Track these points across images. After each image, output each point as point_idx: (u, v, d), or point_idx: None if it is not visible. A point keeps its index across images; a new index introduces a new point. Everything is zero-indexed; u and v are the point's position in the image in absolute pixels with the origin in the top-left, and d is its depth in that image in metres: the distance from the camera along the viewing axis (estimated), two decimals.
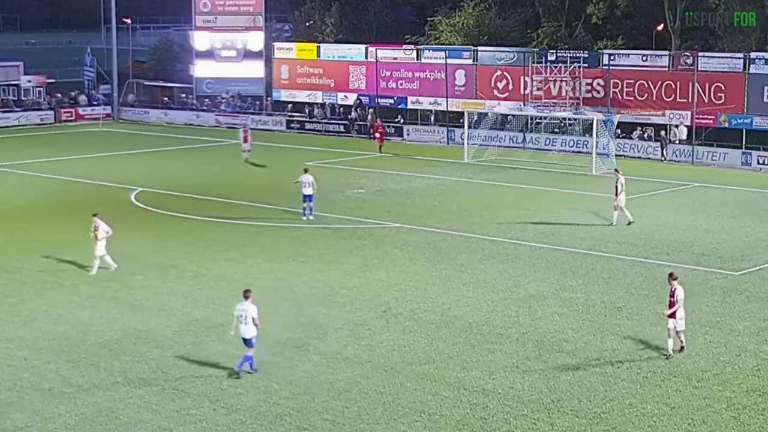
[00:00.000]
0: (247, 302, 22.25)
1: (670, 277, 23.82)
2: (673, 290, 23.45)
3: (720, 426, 19.62)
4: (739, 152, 54.39)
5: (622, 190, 37.86)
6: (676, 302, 23.25)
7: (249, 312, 22.11)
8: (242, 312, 22.17)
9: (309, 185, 38.48)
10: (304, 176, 38.71)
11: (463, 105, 62.56)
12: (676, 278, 23.68)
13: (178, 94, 79.35)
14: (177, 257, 32.90)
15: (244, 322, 22.10)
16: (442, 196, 44.52)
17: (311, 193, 38.54)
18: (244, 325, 22.11)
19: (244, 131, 56.65)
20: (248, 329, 22.08)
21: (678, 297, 23.28)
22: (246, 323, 22.08)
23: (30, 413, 20.09)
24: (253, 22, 75.94)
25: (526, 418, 19.88)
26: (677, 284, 23.50)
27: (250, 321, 22.04)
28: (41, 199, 43.80)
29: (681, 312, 23.28)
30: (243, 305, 22.25)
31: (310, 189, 38.52)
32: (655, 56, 58.81)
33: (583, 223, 38.29)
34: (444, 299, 28.02)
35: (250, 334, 22.09)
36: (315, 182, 38.72)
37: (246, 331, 22.10)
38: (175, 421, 19.75)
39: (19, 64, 79.10)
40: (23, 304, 27.62)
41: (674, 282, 23.55)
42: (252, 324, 22.05)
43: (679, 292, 23.34)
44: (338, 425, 19.56)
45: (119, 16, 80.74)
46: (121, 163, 55.15)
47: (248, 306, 22.20)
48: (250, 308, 22.16)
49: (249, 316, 22.06)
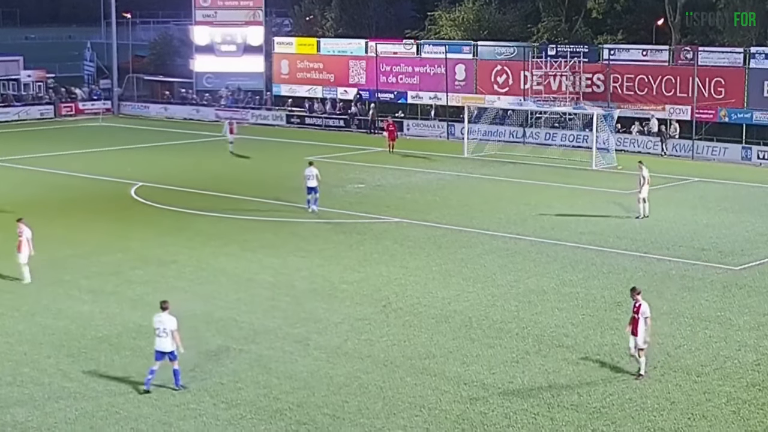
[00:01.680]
0: (165, 314, 20.90)
1: (632, 292, 22.11)
2: (637, 306, 21.72)
3: (720, 421, 19.63)
4: (739, 147, 54.38)
5: (645, 183, 37.84)
6: (639, 318, 21.59)
7: (167, 324, 20.80)
8: (159, 324, 20.84)
9: (313, 178, 38.91)
10: (309, 169, 39.08)
11: (463, 100, 62.54)
12: (640, 292, 22.01)
13: (178, 89, 79.30)
14: (177, 252, 32.90)
15: (162, 335, 20.77)
16: (442, 191, 44.51)
17: (315, 186, 38.94)
18: (163, 338, 20.77)
19: (230, 123, 58.26)
20: (167, 342, 20.77)
21: (643, 313, 21.59)
22: (164, 336, 20.77)
23: (30, 408, 20.11)
24: (253, 16, 75.89)
25: (525, 413, 19.89)
26: (641, 299, 21.81)
27: (168, 333, 20.73)
28: (41, 194, 43.77)
29: (643, 329, 21.53)
30: (160, 317, 20.90)
31: (314, 181, 38.93)
32: (655, 51, 58.76)
33: (583, 214, 38.34)
34: (444, 294, 28.03)
35: (169, 347, 20.79)
36: (319, 175, 39.04)
37: (165, 345, 20.77)
38: (175, 415, 19.77)
39: (18, 58, 79.07)
40: (23, 299, 27.62)
41: (638, 296, 21.84)
42: (171, 336, 20.74)
43: (644, 307, 21.62)
44: (338, 420, 19.57)
45: (119, 10, 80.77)
46: (121, 158, 55.14)
47: (165, 317, 20.87)
48: (168, 320, 20.85)
49: (167, 329, 20.75)
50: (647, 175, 38.07)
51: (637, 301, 21.79)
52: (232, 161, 53.83)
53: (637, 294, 21.96)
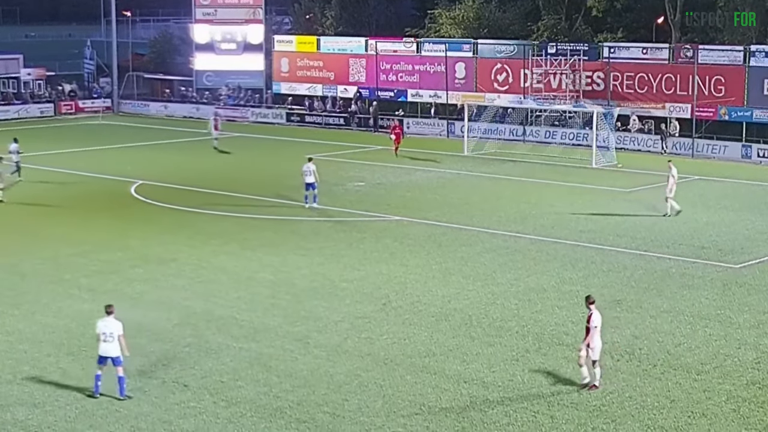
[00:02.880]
0: (110, 318, 20.62)
1: (586, 301, 21.38)
2: (589, 315, 21.05)
3: (720, 418, 19.63)
4: (739, 145, 54.39)
5: (674, 181, 37.92)
6: (591, 328, 20.95)
7: (113, 328, 20.52)
8: (105, 329, 20.56)
9: (310, 174, 39.22)
10: (306, 165, 39.42)
11: (463, 98, 62.53)
12: (593, 302, 21.23)
13: (178, 87, 79.31)
14: (177, 250, 32.90)
15: (108, 340, 20.45)
16: (442, 189, 44.51)
17: (312, 182, 39.31)
18: (109, 343, 20.44)
19: (215, 120, 58.87)
20: (112, 347, 20.45)
21: (593, 323, 20.94)
22: (110, 340, 20.46)
23: (30, 406, 20.11)
24: (253, 14, 75.88)
25: (525, 411, 19.90)
26: (594, 308, 21.06)
27: (115, 338, 20.43)
28: (40, 192, 43.75)
29: (597, 340, 20.94)
30: (105, 321, 20.63)
31: (311, 177, 39.27)
32: (655, 49, 58.75)
33: (583, 213, 38.34)
34: (444, 292, 28.03)
35: (115, 352, 20.47)
36: (316, 172, 39.31)
37: (110, 350, 20.45)
38: (176, 413, 19.77)
39: (18, 57, 79.02)
40: (23, 297, 27.62)
41: (591, 306, 21.10)
42: (117, 341, 20.44)
43: (595, 317, 20.94)
44: (338, 418, 19.57)
45: (119, 9, 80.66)
46: (121, 156, 55.14)
47: (111, 322, 20.59)
48: (114, 324, 20.57)
49: (114, 333, 20.46)
50: (676, 174, 38.24)
51: (590, 310, 21.06)
52: (232, 160, 53.86)
53: (591, 303, 21.14)
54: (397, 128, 56.46)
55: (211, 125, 58.64)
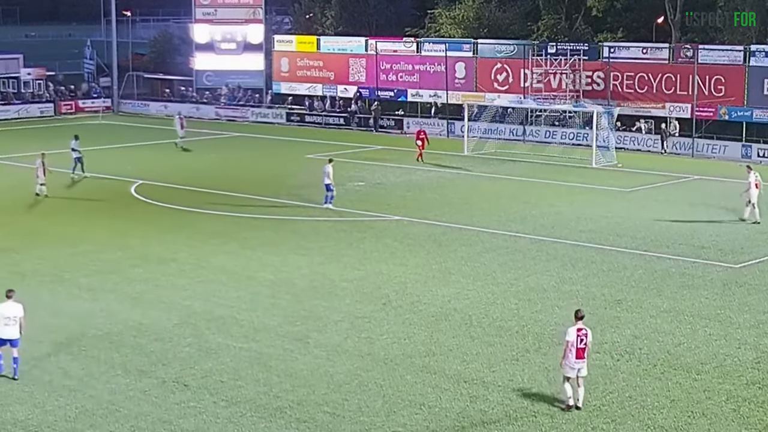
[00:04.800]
0: (11, 302, 21.59)
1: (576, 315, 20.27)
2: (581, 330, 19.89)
3: (720, 418, 19.63)
4: (739, 145, 54.38)
5: (750, 187, 36.93)
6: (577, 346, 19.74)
7: (15, 312, 21.48)
8: (8, 313, 21.42)
9: (326, 176, 39.62)
10: (325, 166, 40.09)
11: (463, 97, 62.53)
12: (582, 317, 20.11)
13: (178, 87, 79.28)
14: (177, 250, 32.90)
15: (11, 323, 21.36)
16: (443, 189, 44.52)
17: (328, 183, 39.70)
18: (10, 327, 21.34)
19: (180, 118, 59.02)
20: (13, 330, 21.39)
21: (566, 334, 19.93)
22: (12, 324, 21.37)
23: (30, 406, 20.10)
24: (253, 14, 75.84)
25: (525, 411, 19.90)
26: (581, 324, 19.94)
27: (17, 321, 21.41)
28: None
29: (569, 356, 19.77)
30: (6, 305, 21.55)
31: (326, 179, 39.66)
32: (655, 49, 58.75)
33: (583, 213, 38.35)
34: (444, 292, 28.03)
35: (15, 335, 21.42)
36: (330, 173, 39.58)
37: (11, 332, 21.37)
38: (176, 413, 19.77)
39: (18, 56, 78.97)
40: (23, 297, 27.44)
41: (578, 322, 19.99)
42: (18, 325, 21.43)
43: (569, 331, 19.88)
44: (338, 418, 19.57)
45: (119, 8, 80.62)
46: (121, 155, 55.14)
47: (13, 305, 21.57)
48: (16, 308, 21.56)
49: (17, 316, 21.43)
50: (753, 179, 37.01)
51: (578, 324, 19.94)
52: (232, 159, 53.79)
53: (579, 319, 20.06)
54: (422, 133, 53.39)
55: (177, 124, 58.67)
